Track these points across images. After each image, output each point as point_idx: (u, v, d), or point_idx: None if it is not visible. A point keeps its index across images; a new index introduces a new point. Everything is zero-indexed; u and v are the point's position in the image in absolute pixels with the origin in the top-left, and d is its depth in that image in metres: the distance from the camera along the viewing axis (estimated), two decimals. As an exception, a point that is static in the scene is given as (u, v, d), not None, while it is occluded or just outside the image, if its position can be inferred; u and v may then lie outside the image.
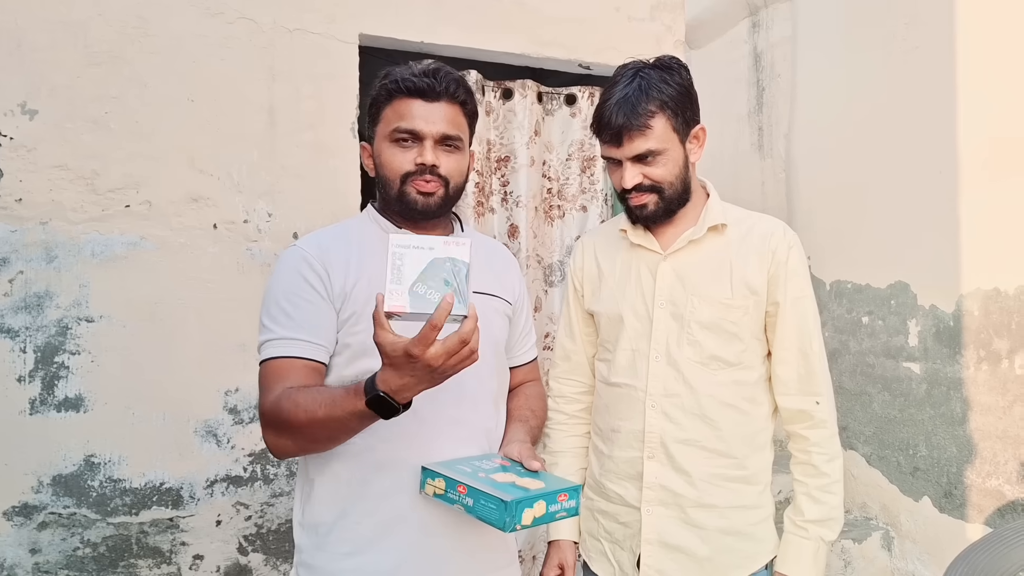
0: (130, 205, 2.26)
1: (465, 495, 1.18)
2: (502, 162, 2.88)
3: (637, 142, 1.43)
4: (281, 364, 1.27)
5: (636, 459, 1.52)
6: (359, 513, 1.32)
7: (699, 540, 1.49)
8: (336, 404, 1.17)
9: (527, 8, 2.78)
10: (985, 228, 3.00)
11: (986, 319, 2.99)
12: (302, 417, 1.19)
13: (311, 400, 1.20)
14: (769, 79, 4.43)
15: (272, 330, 1.30)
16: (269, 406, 1.24)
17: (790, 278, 1.50)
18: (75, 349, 2.21)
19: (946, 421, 3.15)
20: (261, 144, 2.40)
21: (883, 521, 3.45)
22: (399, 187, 1.36)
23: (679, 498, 1.49)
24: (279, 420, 1.23)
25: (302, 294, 1.30)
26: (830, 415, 1.52)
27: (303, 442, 1.25)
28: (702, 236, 1.52)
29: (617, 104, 1.42)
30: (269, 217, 2.41)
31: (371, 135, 1.42)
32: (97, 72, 2.23)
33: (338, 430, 1.21)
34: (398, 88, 1.36)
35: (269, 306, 1.32)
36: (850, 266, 3.67)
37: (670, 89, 1.44)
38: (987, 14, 3.00)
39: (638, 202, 1.48)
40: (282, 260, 1.36)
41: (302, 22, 2.45)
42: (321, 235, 1.42)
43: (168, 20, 2.29)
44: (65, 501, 2.20)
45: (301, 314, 1.29)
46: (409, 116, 1.35)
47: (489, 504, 1.14)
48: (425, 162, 1.34)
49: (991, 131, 2.97)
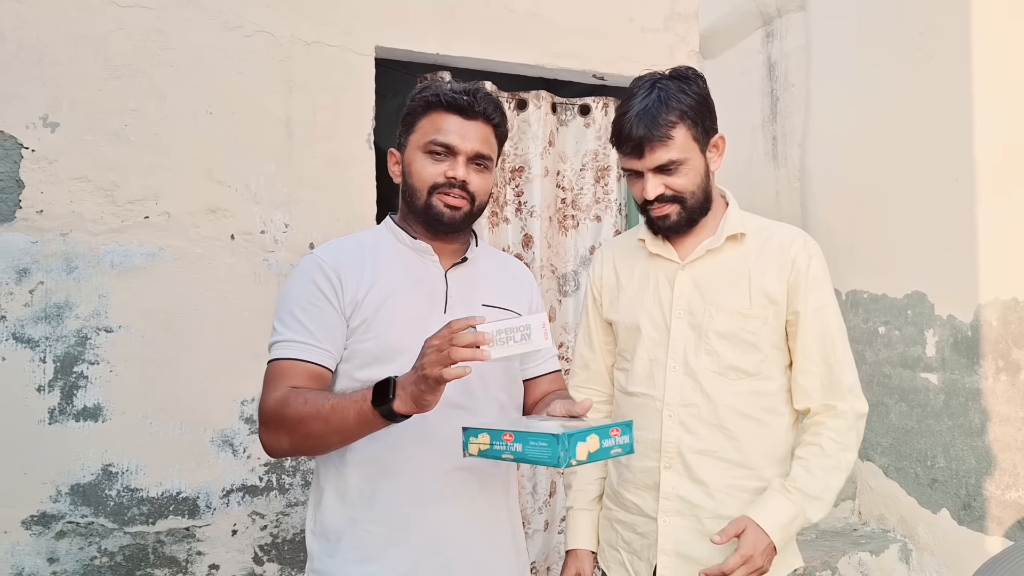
0: (149, 216, 2.28)
1: (512, 442, 1.15)
2: (516, 172, 2.89)
3: (659, 152, 1.43)
4: (287, 365, 1.31)
5: (653, 469, 1.52)
6: (369, 521, 1.34)
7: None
8: (344, 400, 1.21)
9: (541, 19, 2.80)
10: (1002, 237, 2.97)
11: (1004, 329, 2.96)
12: (308, 411, 1.23)
13: (320, 397, 1.25)
14: (783, 89, 4.43)
15: (281, 332, 1.34)
16: (273, 402, 1.28)
17: (811, 288, 1.49)
18: (94, 359, 2.23)
19: (964, 432, 3.12)
20: (278, 155, 2.42)
21: (901, 533, 3.41)
22: (426, 198, 1.39)
23: (696, 508, 1.49)
24: (282, 415, 1.25)
25: (314, 301, 1.34)
26: (853, 413, 1.49)
27: (299, 439, 1.26)
28: (720, 245, 1.52)
29: (637, 116, 1.42)
30: (286, 228, 2.42)
31: (402, 144, 1.44)
32: (117, 85, 2.26)
33: (339, 429, 1.22)
34: (439, 102, 1.39)
35: (281, 310, 1.37)
36: (866, 276, 3.65)
37: (688, 99, 1.44)
38: (1002, 22, 2.99)
39: (660, 213, 1.48)
40: (299, 267, 1.41)
41: (319, 35, 2.47)
42: (337, 244, 1.46)
43: (187, 34, 2.32)
44: (83, 510, 2.22)
45: (311, 320, 1.33)
46: (446, 130, 1.38)
47: (540, 443, 1.11)
48: (456, 176, 1.37)
49: (1007, 140, 2.95)
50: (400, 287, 1.38)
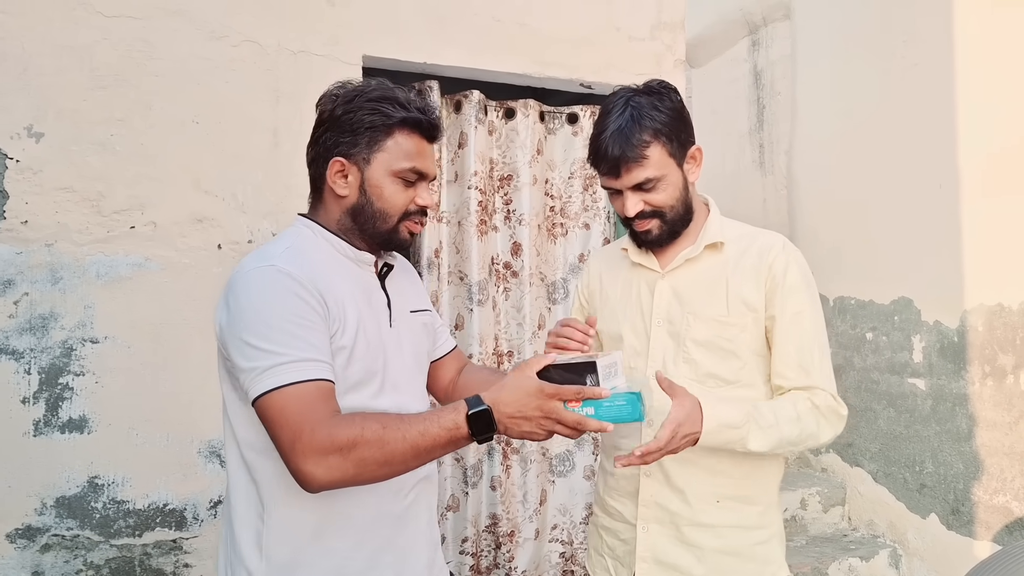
0: (135, 226, 2.27)
1: (580, 408, 1.19)
2: (505, 181, 2.89)
3: (635, 172, 1.43)
4: (311, 388, 1.17)
5: (633, 476, 1.53)
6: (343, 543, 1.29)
7: (694, 559, 1.48)
8: (430, 426, 1.16)
9: (529, 29, 2.81)
10: (988, 243, 3.00)
11: (990, 334, 2.99)
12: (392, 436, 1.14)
13: (397, 421, 1.17)
14: (769, 97, 4.46)
15: (282, 353, 1.17)
16: (337, 432, 1.14)
17: (789, 294, 1.48)
18: (79, 370, 2.21)
19: (952, 437, 3.14)
20: (265, 165, 2.42)
21: (890, 539, 3.42)
22: (395, 223, 1.34)
23: (674, 516, 1.49)
24: (354, 443, 1.14)
25: (307, 316, 1.20)
26: (827, 407, 1.46)
27: (375, 468, 1.16)
28: (699, 254, 1.53)
29: (611, 136, 1.42)
30: (273, 237, 2.41)
31: (359, 157, 1.31)
32: (102, 95, 2.25)
33: (427, 454, 1.18)
34: (418, 124, 1.32)
35: (268, 331, 1.18)
36: (853, 282, 3.67)
37: (662, 115, 1.44)
38: (985, 30, 3.02)
39: (643, 228, 1.49)
40: (267, 280, 1.22)
41: (306, 44, 2.47)
42: (289, 256, 1.27)
43: (173, 44, 2.32)
44: (68, 523, 2.19)
45: (311, 336, 1.20)
46: (420, 156, 1.33)
47: (617, 402, 1.19)
48: (427, 205, 1.36)
49: (991, 146, 2.98)
50: (360, 305, 1.31)
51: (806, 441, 1.44)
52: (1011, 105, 2.88)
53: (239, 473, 1.28)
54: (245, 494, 1.27)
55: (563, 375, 1.24)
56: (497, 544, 2.84)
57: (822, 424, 1.44)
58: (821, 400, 1.45)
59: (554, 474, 2.96)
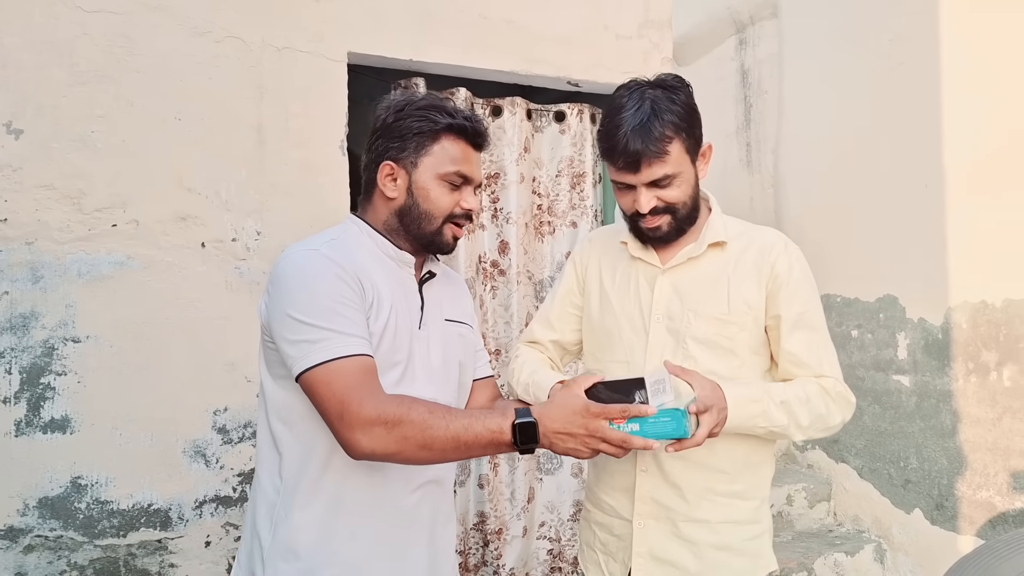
0: (117, 224, 2.25)
1: (625, 425, 1.23)
2: (492, 179, 2.89)
3: (655, 168, 1.41)
4: (359, 362, 1.23)
5: (629, 471, 1.52)
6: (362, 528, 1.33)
7: (691, 555, 1.48)
8: (476, 426, 1.21)
9: (516, 26, 2.80)
10: (972, 241, 3.02)
11: (974, 331, 3.01)
12: (437, 425, 1.20)
13: (445, 413, 1.23)
14: (756, 96, 4.47)
15: (330, 328, 1.23)
16: (385, 406, 1.20)
17: (794, 293, 1.49)
18: (61, 370, 2.19)
19: (936, 433, 3.16)
20: (249, 162, 2.40)
21: (875, 534, 3.45)
22: (440, 225, 1.41)
23: (671, 512, 1.49)
24: (403, 420, 1.20)
25: (349, 297, 1.27)
26: (836, 391, 1.48)
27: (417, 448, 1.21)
28: (702, 252, 1.52)
29: (633, 130, 1.38)
30: (258, 235, 2.40)
31: (407, 160, 1.39)
32: (83, 91, 2.22)
33: (466, 450, 1.23)
34: (462, 130, 1.40)
35: (316, 308, 1.24)
36: (839, 280, 3.69)
37: (679, 110, 1.42)
38: (970, 29, 3.04)
39: (653, 224, 1.47)
40: (312, 262, 1.29)
41: (290, 40, 2.45)
42: (334, 246, 1.35)
43: (154, 39, 2.29)
44: (51, 524, 2.17)
45: (353, 315, 1.26)
46: (467, 162, 1.40)
47: (662, 419, 1.24)
48: (472, 209, 1.42)
49: (976, 145, 3.00)
50: (394, 302, 1.37)
51: (815, 424, 1.45)
52: (996, 105, 2.90)
53: (266, 446, 1.36)
54: (268, 467, 1.35)
55: (611, 394, 1.29)
56: (485, 542, 2.83)
57: (831, 407, 1.47)
58: (830, 385, 1.48)
59: (542, 472, 2.95)
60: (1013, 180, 2.84)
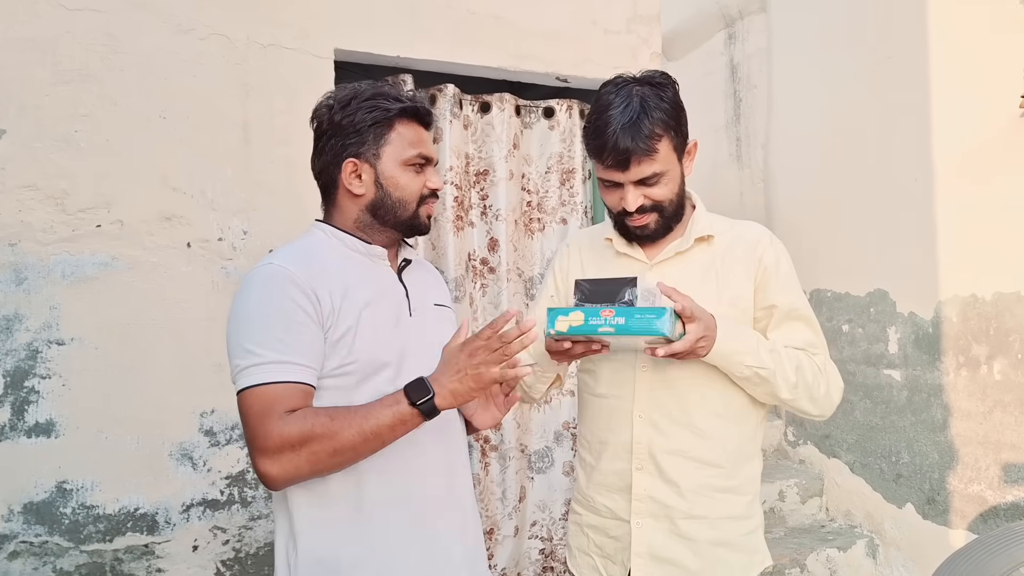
0: (101, 225, 2.22)
1: (613, 317, 1.26)
2: (481, 176, 2.87)
3: (644, 166, 1.40)
4: (279, 389, 1.22)
5: (625, 471, 1.51)
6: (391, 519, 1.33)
7: (690, 552, 1.47)
8: (373, 407, 1.23)
9: (503, 22, 2.78)
10: (961, 235, 3.02)
11: (964, 325, 3.01)
12: (338, 426, 1.20)
13: (344, 410, 1.23)
14: (746, 90, 4.47)
15: (262, 354, 1.23)
16: (287, 429, 1.19)
17: (783, 285, 1.50)
18: (46, 373, 2.16)
19: (927, 427, 3.16)
20: (235, 161, 2.37)
21: (867, 529, 3.45)
22: (414, 209, 1.42)
23: (669, 510, 1.48)
24: (305, 438, 1.19)
25: (294, 317, 1.25)
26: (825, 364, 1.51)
27: (326, 458, 1.22)
28: (689, 247, 1.52)
29: (622, 128, 1.37)
30: (244, 235, 2.37)
31: (369, 154, 1.38)
32: (66, 90, 2.19)
33: (373, 436, 1.23)
34: (414, 112, 1.40)
35: (253, 332, 1.25)
36: (829, 275, 3.69)
37: (667, 107, 1.41)
38: (957, 22, 3.04)
39: (640, 223, 1.47)
40: (262, 280, 1.29)
41: (276, 37, 2.42)
42: (294, 254, 1.34)
43: (138, 37, 2.26)
44: (37, 529, 2.14)
45: (294, 339, 1.25)
46: (423, 142, 1.42)
47: (647, 314, 1.25)
48: (438, 188, 1.44)
49: (964, 139, 3.00)
50: (368, 297, 1.35)
51: (802, 385, 1.44)
52: (984, 98, 2.90)
53: None
54: None
55: (597, 289, 1.34)
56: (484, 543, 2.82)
57: (819, 378, 1.47)
58: (821, 361, 1.50)
59: (533, 471, 2.94)
60: (1002, 173, 2.84)
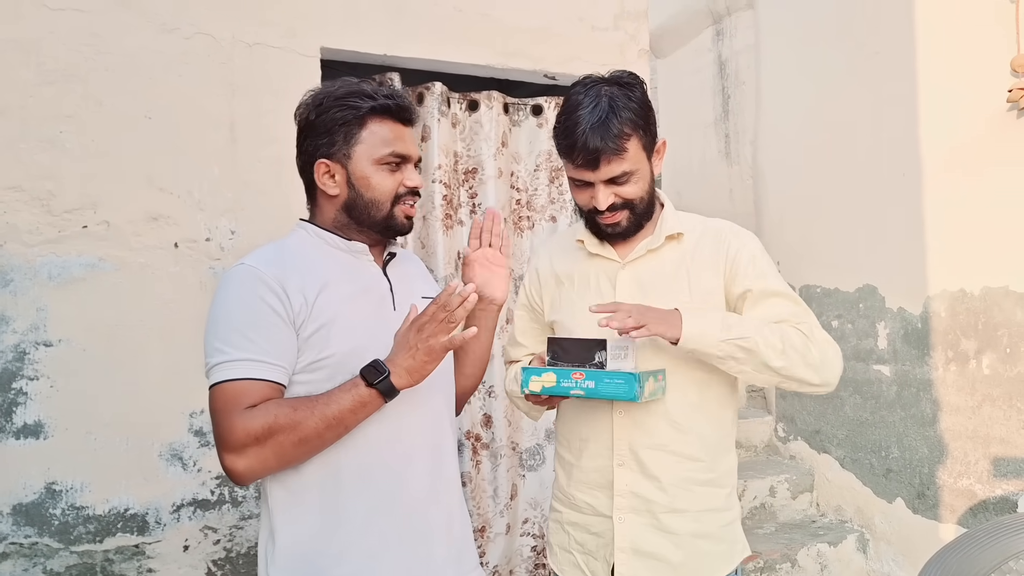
0: (87, 226, 2.21)
1: (583, 380, 1.34)
2: (470, 174, 2.87)
3: (614, 165, 1.42)
4: (243, 385, 1.23)
5: (606, 467, 1.52)
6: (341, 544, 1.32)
7: (673, 546, 1.48)
8: (333, 393, 1.23)
9: (490, 19, 2.78)
10: (950, 230, 3.03)
11: (953, 320, 3.03)
12: (301, 415, 1.21)
13: (304, 399, 1.24)
14: (734, 87, 4.48)
15: (228, 352, 1.24)
16: (250, 424, 1.20)
17: (754, 271, 1.50)
18: (33, 374, 2.15)
19: (917, 422, 3.18)
20: (222, 160, 2.36)
21: (858, 524, 3.47)
22: (389, 209, 1.39)
23: (651, 504, 1.49)
24: (269, 431, 1.20)
25: (263, 316, 1.26)
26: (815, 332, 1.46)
27: (291, 448, 1.22)
28: (660, 245, 1.54)
29: (592, 127, 1.39)
30: (232, 234, 2.37)
31: (340, 154, 1.37)
32: (50, 91, 2.18)
33: (335, 422, 1.23)
34: (385, 109, 1.37)
35: (223, 331, 1.27)
36: (819, 270, 3.70)
37: (636, 106, 1.43)
38: (945, 17, 3.05)
39: (612, 221, 1.49)
40: (233, 281, 1.31)
41: (262, 36, 2.42)
42: (267, 255, 1.36)
43: (123, 37, 2.25)
44: (26, 531, 2.14)
45: (261, 336, 1.25)
46: (398, 140, 1.38)
47: (616, 380, 1.32)
48: (416, 186, 1.41)
49: (952, 134, 3.01)
50: (347, 292, 1.36)
51: (791, 352, 1.40)
52: (972, 93, 2.91)
53: None
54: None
55: (568, 349, 1.41)
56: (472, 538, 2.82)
57: (809, 344, 1.43)
58: (807, 328, 1.46)
59: (524, 468, 2.94)
60: (990, 169, 2.86)
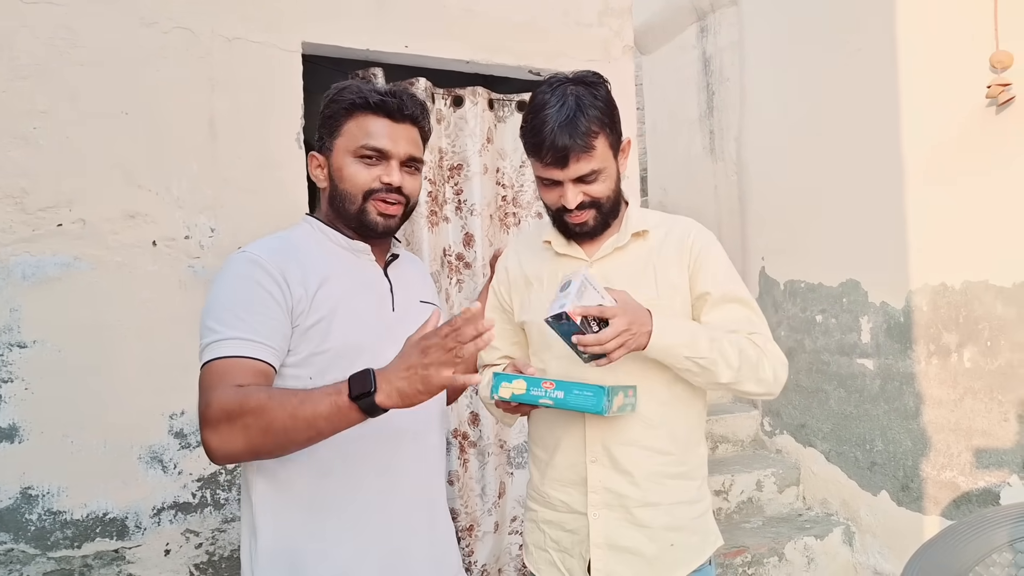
0: (63, 224, 2.16)
1: (553, 390, 1.30)
2: (455, 170, 2.84)
3: (582, 163, 1.43)
4: (230, 363, 1.21)
5: (579, 464, 1.53)
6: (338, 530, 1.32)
7: (647, 539, 1.49)
8: (314, 393, 1.15)
9: (474, 14, 2.75)
10: (931, 225, 3.05)
11: (935, 314, 3.04)
12: (273, 404, 1.14)
13: (285, 390, 1.19)
14: (718, 83, 4.48)
15: (220, 331, 1.23)
16: (225, 399, 1.16)
17: (715, 271, 1.53)
18: (7, 377, 2.10)
19: (900, 415, 3.20)
20: (202, 156, 2.32)
21: (844, 516, 3.48)
22: (361, 203, 1.38)
23: (624, 499, 1.50)
24: (239, 410, 1.15)
25: (258, 301, 1.26)
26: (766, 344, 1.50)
27: (258, 435, 1.15)
28: (626, 243, 1.56)
29: (560, 126, 1.40)
30: (212, 232, 2.33)
31: (326, 147, 1.41)
32: (24, 86, 2.13)
33: (307, 425, 1.14)
34: (366, 104, 1.37)
35: (217, 311, 1.26)
36: (803, 266, 3.71)
37: (602, 105, 1.45)
38: (926, 14, 3.06)
39: (579, 220, 1.50)
40: (232, 265, 1.30)
41: (242, 31, 2.38)
42: (270, 244, 1.36)
43: (99, 31, 2.20)
44: (2, 537, 2.09)
45: (255, 318, 1.25)
46: (376, 134, 1.37)
47: (585, 392, 1.28)
48: (392, 182, 1.38)
49: (933, 130, 3.03)
50: (348, 287, 1.36)
51: (745, 368, 1.44)
52: (952, 89, 2.92)
53: None
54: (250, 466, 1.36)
55: None
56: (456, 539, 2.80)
57: (762, 358, 1.47)
58: (761, 340, 1.50)
59: (512, 466, 2.93)
60: (970, 164, 2.87)
